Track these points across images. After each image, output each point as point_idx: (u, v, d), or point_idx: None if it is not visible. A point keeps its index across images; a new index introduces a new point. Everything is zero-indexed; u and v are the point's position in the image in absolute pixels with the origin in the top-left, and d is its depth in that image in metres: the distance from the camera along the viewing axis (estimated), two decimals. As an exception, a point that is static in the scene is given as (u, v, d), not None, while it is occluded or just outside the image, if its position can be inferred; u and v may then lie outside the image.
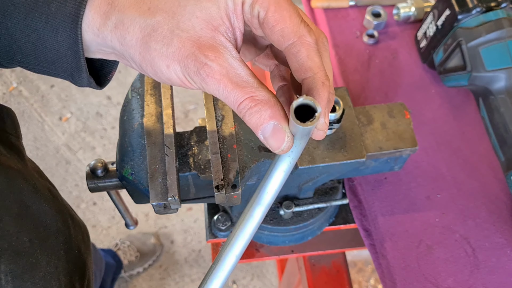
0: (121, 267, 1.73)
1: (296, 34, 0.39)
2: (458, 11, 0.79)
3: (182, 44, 0.38)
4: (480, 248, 0.76)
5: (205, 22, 0.39)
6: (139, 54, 0.39)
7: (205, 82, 0.38)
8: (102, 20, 0.39)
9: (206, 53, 0.38)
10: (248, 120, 0.39)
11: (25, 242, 0.49)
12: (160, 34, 0.38)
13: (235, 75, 0.38)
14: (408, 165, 0.81)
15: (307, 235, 0.83)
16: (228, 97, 0.39)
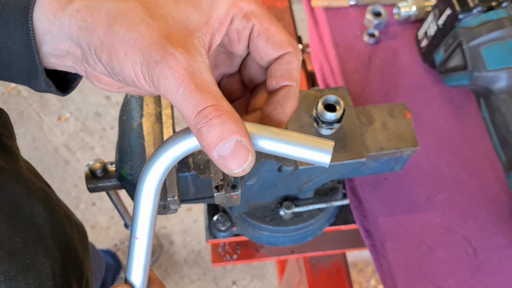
0: (120, 267, 1.72)
1: (292, 46, 0.41)
2: (459, 10, 0.79)
3: (150, 32, 0.34)
4: (481, 249, 0.76)
5: (180, 22, 0.36)
6: (97, 38, 0.35)
7: (164, 76, 0.34)
8: (61, 6, 0.36)
9: (175, 44, 0.34)
10: (206, 134, 0.34)
11: (18, 242, 0.48)
12: (127, 19, 0.35)
13: (200, 79, 0.34)
14: (408, 166, 0.81)
15: (307, 236, 0.82)
16: (186, 100, 0.34)
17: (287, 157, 0.38)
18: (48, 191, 0.61)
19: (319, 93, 0.70)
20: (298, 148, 0.37)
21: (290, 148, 0.37)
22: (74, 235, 0.63)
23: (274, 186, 0.73)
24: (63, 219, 0.61)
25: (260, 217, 0.78)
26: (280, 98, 0.41)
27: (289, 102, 0.41)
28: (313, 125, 0.67)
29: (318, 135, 0.67)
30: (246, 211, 0.78)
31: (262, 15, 0.40)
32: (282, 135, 0.37)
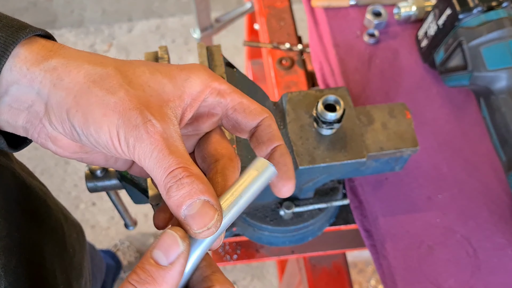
0: (120, 267, 1.72)
1: (266, 112, 0.43)
2: (459, 10, 0.79)
3: (129, 98, 0.36)
4: (482, 249, 0.76)
5: (156, 93, 0.38)
6: (73, 98, 0.36)
7: (140, 139, 0.36)
8: (37, 60, 0.37)
9: (152, 112, 0.37)
10: (174, 192, 0.35)
11: (17, 238, 0.48)
12: (107, 84, 0.37)
13: (173, 145, 0.37)
14: (409, 166, 0.81)
15: (307, 236, 0.82)
16: (160, 161, 0.36)
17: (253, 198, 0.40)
18: (44, 190, 0.61)
19: (319, 93, 0.70)
20: (252, 190, 0.39)
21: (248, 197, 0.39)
22: (72, 234, 0.63)
23: (274, 186, 0.73)
24: (61, 217, 0.61)
25: (260, 217, 0.78)
26: (279, 158, 0.42)
27: (288, 158, 0.43)
28: (313, 125, 0.67)
29: (318, 135, 0.67)
30: (246, 211, 0.78)
31: (233, 92, 0.43)
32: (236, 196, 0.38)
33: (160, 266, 0.35)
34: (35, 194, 0.56)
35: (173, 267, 0.35)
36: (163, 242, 0.35)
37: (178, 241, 0.35)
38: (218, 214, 0.36)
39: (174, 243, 0.35)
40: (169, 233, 0.35)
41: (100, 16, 2.45)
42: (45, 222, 0.55)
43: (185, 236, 0.36)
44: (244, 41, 1.12)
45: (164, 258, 0.35)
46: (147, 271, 0.34)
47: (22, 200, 0.52)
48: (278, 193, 0.42)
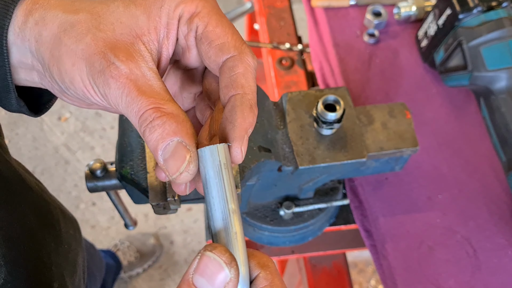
0: (120, 267, 1.72)
1: (237, 49, 0.36)
2: (459, 10, 0.79)
3: (95, 42, 0.35)
4: (482, 249, 0.76)
5: (128, 28, 0.36)
6: (49, 52, 0.36)
7: (108, 84, 0.34)
8: (25, 18, 0.37)
9: (117, 53, 0.34)
10: (148, 137, 0.33)
11: (17, 229, 0.48)
12: (75, 31, 0.35)
13: (145, 84, 0.34)
14: (409, 166, 0.81)
15: (307, 236, 0.82)
16: (130, 105, 0.34)
17: None
18: (40, 186, 0.61)
19: (319, 93, 0.70)
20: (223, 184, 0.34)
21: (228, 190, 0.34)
22: (69, 230, 0.63)
23: (274, 186, 0.73)
24: (58, 213, 0.61)
25: (260, 217, 0.78)
26: (227, 113, 0.36)
27: (237, 114, 0.35)
28: (313, 125, 0.67)
29: (318, 135, 0.67)
30: (246, 211, 0.78)
31: (208, 16, 0.37)
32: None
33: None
34: (33, 189, 0.56)
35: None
36: (206, 268, 0.31)
37: (225, 268, 0.31)
38: (190, 155, 0.33)
39: (220, 270, 0.31)
40: (212, 259, 0.31)
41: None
42: (42, 216, 0.55)
43: (231, 260, 0.31)
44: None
45: (210, 287, 0.31)
46: None
47: (21, 194, 0.52)
48: None
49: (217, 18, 0.37)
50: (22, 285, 0.46)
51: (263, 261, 0.35)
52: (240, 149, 0.35)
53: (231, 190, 0.34)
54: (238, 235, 0.33)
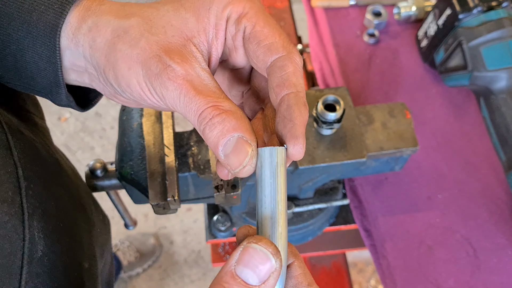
0: (120, 267, 1.72)
1: (285, 49, 0.37)
2: (459, 10, 0.79)
3: (149, 46, 0.36)
4: (481, 249, 0.76)
5: (179, 30, 0.37)
6: (104, 57, 0.37)
7: (165, 86, 0.35)
8: (78, 24, 0.38)
9: (171, 56, 0.36)
10: (208, 133, 0.34)
11: (53, 206, 0.49)
12: (129, 36, 0.37)
13: (200, 84, 0.35)
14: (408, 165, 0.81)
15: (307, 236, 0.82)
16: (189, 105, 0.35)
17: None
18: (75, 171, 0.62)
19: (319, 93, 0.70)
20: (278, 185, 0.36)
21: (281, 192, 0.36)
22: (99, 215, 0.64)
23: (274, 186, 0.73)
24: (89, 197, 0.62)
25: (260, 217, 0.78)
26: (284, 112, 0.36)
27: (295, 112, 0.36)
28: (313, 125, 0.67)
29: (318, 135, 0.67)
30: (246, 211, 0.78)
31: (256, 16, 0.37)
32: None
33: (251, 286, 0.32)
34: (67, 172, 0.57)
35: (266, 286, 0.32)
36: (251, 259, 0.32)
37: (271, 259, 0.32)
38: (252, 149, 0.35)
39: (266, 260, 0.32)
40: (258, 249, 0.32)
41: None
42: (75, 198, 0.57)
43: (277, 252, 0.33)
44: (244, 41, 1.12)
45: (255, 278, 0.32)
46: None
47: (56, 175, 0.54)
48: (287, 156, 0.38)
49: (264, 18, 0.38)
50: (58, 260, 0.48)
51: (294, 251, 0.37)
52: (303, 145, 0.36)
53: (283, 192, 0.35)
54: (283, 235, 0.35)
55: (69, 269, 0.49)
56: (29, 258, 0.43)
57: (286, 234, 0.35)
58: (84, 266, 0.53)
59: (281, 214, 0.35)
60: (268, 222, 0.35)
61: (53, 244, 0.47)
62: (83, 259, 0.53)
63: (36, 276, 0.43)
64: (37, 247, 0.45)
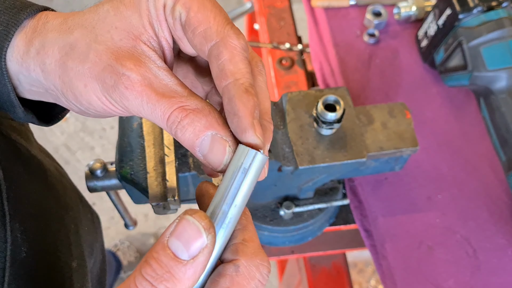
0: (120, 267, 1.73)
1: (219, 34, 0.34)
2: (459, 10, 0.79)
3: (99, 58, 0.34)
4: (481, 249, 0.76)
5: (125, 32, 0.35)
6: (58, 78, 0.35)
7: (125, 97, 0.33)
8: (26, 47, 0.36)
9: (124, 63, 0.33)
10: (181, 137, 0.33)
11: (35, 207, 0.49)
12: (77, 52, 0.35)
13: (161, 85, 0.33)
14: (408, 165, 0.81)
15: (307, 236, 0.82)
16: (154, 111, 0.33)
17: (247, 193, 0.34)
18: (61, 170, 0.62)
19: (319, 93, 0.70)
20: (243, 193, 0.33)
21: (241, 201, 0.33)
22: (86, 214, 0.64)
23: (274, 186, 0.73)
24: (76, 197, 0.62)
25: (260, 217, 0.78)
26: (227, 106, 0.33)
27: (237, 104, 0.33)
28: (313, 125, 0.67)
29: (318, 135, 0.67)
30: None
31: (190, 1, 0.34)
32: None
33: (180, 260, 0.29)
34: (52, 172, 0.57)
35: (195, 262, 0.30)
36: (183, 231, 0.30)
37: (202, 233, 0.30)
38: (229, 146, 0.33)
39: (198, 235, 0.30)
40: (191, 222, 0.30)
41: (100, 16, 2.45)
42: (60, 198, 0.56)
43: (210, 226, 0.30)
44: (244, 41, 1.12)
45: (185, 252, 0.30)
46: (165, 265, 0.29)
47: (39, 176, 0.54)
48: None
49: (199, 1, 0.34)
50: (42, 261, 0.47)
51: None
52: (256, 136, 0.33)
53: (235, 194, 0.33)
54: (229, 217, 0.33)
55: (56, 269, 0.49)
56: (12, 259, 0.43)
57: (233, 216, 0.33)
58: (72, 266, 0.52)
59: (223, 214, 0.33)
60: (211, 210, 0.33)
61: (37, 245, 0.47)
62: (71, 258, 0.53)
63: (19, 277, 0.43)
64: (20, 248, 0.44)
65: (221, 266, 0.33)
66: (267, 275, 0.33)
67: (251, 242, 0.33)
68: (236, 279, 0.31)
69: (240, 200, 0.33)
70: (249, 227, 0.34)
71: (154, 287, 0.29)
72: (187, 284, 0.30)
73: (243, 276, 0.32)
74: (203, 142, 0.33)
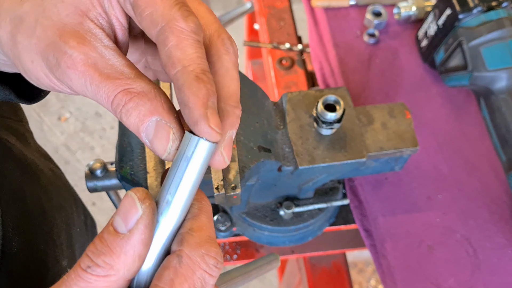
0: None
1: (165, 18, 0.31)
2: (459, 10, 0.79)
3: (44, 34, 0.32)
4: (481, 249, 0.76)
5: (72, 6, 0.32)
6: (10, 51, 0.34)
7: (68, 77, 0.31)
8: None
9: (67, 40, 0.31)
10: (126, 122, 0.31)
11: (29, 205, 0.50)
12: (26, 25, 0.33)
13: (106, 66, 0.31)
14: (408, 165, 0.81)
15: (307, 236, 0.82)
16: (98, 93, 0.31)
17: None
18: (56, 172, 0.62)
19: (319, 93, 0.70)
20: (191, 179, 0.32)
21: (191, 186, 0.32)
22: (80, 215, 0.64)
23: (274, 186, 0.73)
24: (70, 197, 0.62)
25: (260, 217, 0.78)
26: (178, 97, 0.31)
27: (187, 93, 0.31)
28: (313, 125, 0.67)
29: (318, 135, 0.67)
30: (246, 211, 0.78)
31: None
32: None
33: (118, 233, 0.29)
34: (45, 173, 0.57)
35: (132, 235, 0.29)
36: (123, 207, 0.30)
37: (136, 204, 0.30)
38: (173, 133, 0.31)
39: (132, 206, 0.30)
40: (128, 195, 0.30)
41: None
42: (53, 198, 0.56)
43: (146, 197, 0.30)
44: (244, 41, 1.12)
45: (123, 225, 0.29)
46: (104, 240, 0.29)
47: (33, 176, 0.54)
48: None
49: None
50: (33, 256, 0.47)
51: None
52: (209, 127, 0.31)
53: (178, 183, 0.32)
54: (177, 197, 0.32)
55: (46, 266, 0.49)
56: (4, 253, 0.43)
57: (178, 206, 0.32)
58: (63, 264, 0.53)
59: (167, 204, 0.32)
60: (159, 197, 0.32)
61: (28, 241, 0.47)
62: (61, 257, 0.53)
63: (10, 271, 0.43)
64: (12, 243, 0.44)
65: (166, 258, 0.32)
66: (214, 266, 0.31)
67: (199, 231, 0.32)
68: (179, 270, 0.30)
69: (184, 189, 0.32)
70: (200, 217, 0.32)
71: (93, 262, 0.29)
72: (126, 260, 0.29)
73: (187, 266, 0.30)
74: (147, 127, 0.31)
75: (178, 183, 0.31)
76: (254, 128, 0.63)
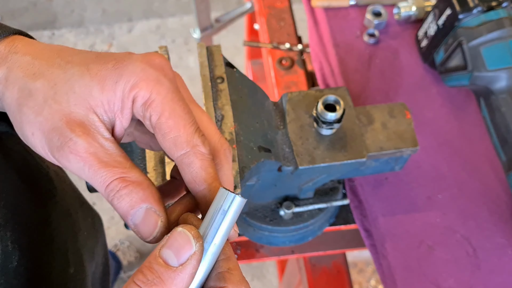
0: (120, 267, 1.73)
1: (189, 144, 0.37)
2: (459, 10, 0.79)
3: (51, 116, 0.36)
4: (481, 249, 0.76)
5: (82, 99, 0.36)
6: (12, 113, 0.38)
7: (67, 159, 0.35)
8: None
9: (73, 128, 0.35)
10: (117, 205, 0.36)
11: (29, 215, 0.49)
12: (34, 101, 0.36)
13: (105, 155, 0.36)
14: (408, 165, 0.81)
15: (307, 236, 0.82)
16: (94, 177, 0.35)
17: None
18: (61, 174, 0.62)
19: (319, 93, 0.70)
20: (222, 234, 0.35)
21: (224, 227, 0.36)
22: (87, 218, 0.64)
23: (274, 186, 0.73)
24: (75, 201, 0.62)
25: (260, 217, 0.78)
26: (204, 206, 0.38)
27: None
28: (313, 125, 0.67)
29: (318, 135, 0.67)
30: (246, 211, 0.78)
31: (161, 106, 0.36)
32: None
33: (170, 266, 0.32)
34: (50, 177, 0.57)
35: (184, 268, 0.32)
36: (174, 241, 0.33)
37: (191, 241, 0.33)
38: (161, 221, 0.36)
39: (187, 242, 0.33)
40: (181, 232, 0.33)
41: (100, 16, 2.45)
42: (57, 203, 0.56)
43: (199, 236, 0.33)
44: (244, 41, 1.12)
45: (175, 259, 0.33)
46: (155, 271, 0.32)
47: (36, 183, 0.54)
48: None
49: (170, 107, 0.36)
50: (36, 268, 0.48)
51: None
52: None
53: (214, 234, 0.35)
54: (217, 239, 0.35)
55: (51, 277, 0.49)
56: (4, 269, 0.43)
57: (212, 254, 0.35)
58: (69, 272, 0.53)
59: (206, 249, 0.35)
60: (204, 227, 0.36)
61: (30, 254, 0.47)
62: (68, 265, 0.53)
63: (12, 286, 0.44)
64: (12, 258, 0.45)
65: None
66: None
67: (236, 270, 0.36)
68: None
69: (219, 239, 0.35)
70: (232, 258, 0.36)
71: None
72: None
73: None
74: (137, 213, 0.35)
75: (214, 234, 0.35)
76: (254, 128, 0.63)
